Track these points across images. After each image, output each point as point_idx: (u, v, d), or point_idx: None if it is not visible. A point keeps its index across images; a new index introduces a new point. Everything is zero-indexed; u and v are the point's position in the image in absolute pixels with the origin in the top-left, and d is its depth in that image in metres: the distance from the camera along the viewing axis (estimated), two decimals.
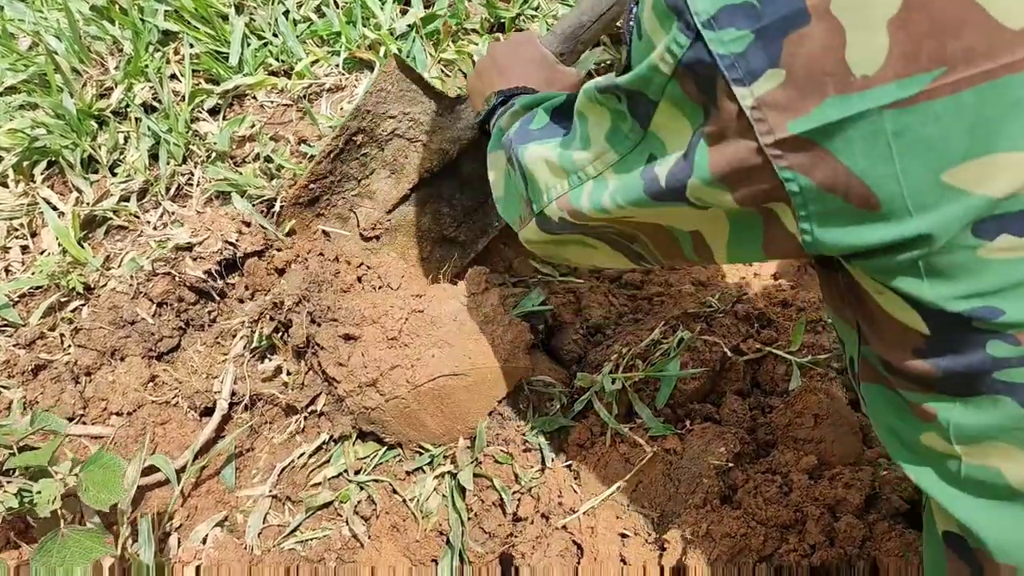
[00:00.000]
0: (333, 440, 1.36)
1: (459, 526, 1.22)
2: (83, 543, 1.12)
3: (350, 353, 1.27)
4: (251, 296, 1.47)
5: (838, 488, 1.13)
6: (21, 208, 1.53)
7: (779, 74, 0.53)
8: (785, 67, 0.53)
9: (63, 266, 1.44)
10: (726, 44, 0.54)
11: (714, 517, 1.12)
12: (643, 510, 1.18)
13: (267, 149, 1.56)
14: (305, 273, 1.38)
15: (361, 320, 1.28)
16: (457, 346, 1.26)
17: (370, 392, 1.25)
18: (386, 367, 1.24)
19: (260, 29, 1.73)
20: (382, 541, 1.23)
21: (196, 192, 1.55)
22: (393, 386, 1.24)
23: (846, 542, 1.08)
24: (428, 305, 1.30)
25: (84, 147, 1.56)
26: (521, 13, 1.73)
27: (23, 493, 1.13)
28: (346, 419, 1.32)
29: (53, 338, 1.42)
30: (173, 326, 1.44)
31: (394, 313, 1.28)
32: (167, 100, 1.60)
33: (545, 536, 1.17)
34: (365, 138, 1.42)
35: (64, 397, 1.36)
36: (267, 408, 1.42)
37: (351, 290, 1.35)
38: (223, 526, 1.33)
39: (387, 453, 1.34)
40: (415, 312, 1.29)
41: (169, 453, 1.35)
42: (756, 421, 1.29)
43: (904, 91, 0.51)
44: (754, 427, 1.28)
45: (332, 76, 1.67)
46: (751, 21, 0.53)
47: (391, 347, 1.26)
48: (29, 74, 1.67)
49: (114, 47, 1.72)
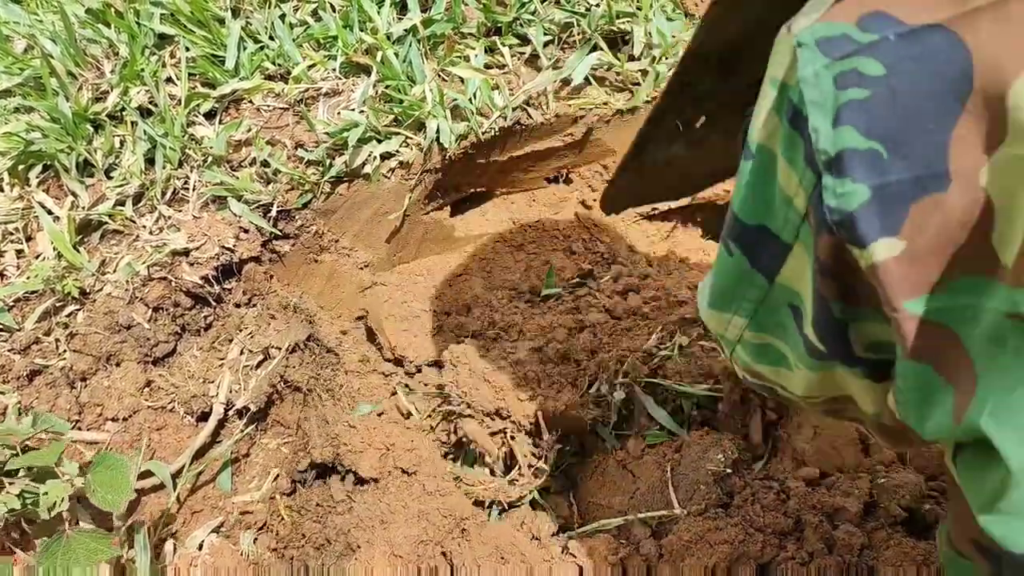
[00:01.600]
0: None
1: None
2: (88, 545, 1.11)
3: None
4: (248, 301, 1.46)
5: (836, 496, 1.13)
6: (16, 212, 1.52)
7: (898, 244, 0.43)
8: (906, 238, 0.42)
9: (58, 271, 1.44)
10: (839, 197, 0.44)
11: (712, 524, 1.12)
12: (641, 516, 1.18)
13: (264, 153, 1.56)
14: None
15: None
16: None
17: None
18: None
19: (256, 33, 1.72)
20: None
21: (192, 196, 1.54)
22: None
23: (844, 550, 1.07)
24: None
25: (80, 151, 1.56)
26: (518, 18, 1.73)
27: (25, 495, 1.13)
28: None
29: (48, 343, 1.41)
30: (169, 331, 1.44)
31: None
32: (163, 104, 1.59)
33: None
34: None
35: (60, 402, 1.36)
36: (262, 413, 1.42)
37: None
38: (219, 532, 1.32)
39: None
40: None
41: (165, 458, 1.34)
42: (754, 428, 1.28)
43: None
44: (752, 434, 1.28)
45: (329, 80, 1.66)
46: (873, 173, 0.42)
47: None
48: (24, 77, 1.66)
49: (110, 50, 1.71)
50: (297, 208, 1.54)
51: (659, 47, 1.67)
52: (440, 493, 1.23)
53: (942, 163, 0.41)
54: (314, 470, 1.35)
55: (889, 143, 0.42)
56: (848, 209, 0.43)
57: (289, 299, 1.47)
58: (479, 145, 1.63)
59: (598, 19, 1.67)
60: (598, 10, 1.68)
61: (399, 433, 1.32)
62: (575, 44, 1.72)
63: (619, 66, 1.67)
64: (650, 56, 1.69)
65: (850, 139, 0.43)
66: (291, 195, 1.54)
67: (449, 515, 1.19)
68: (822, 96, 0.44)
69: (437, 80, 1.64)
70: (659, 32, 1.68)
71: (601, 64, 1.69)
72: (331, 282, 1.62)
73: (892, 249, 0.43)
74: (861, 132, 0.43)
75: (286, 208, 1.54)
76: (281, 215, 1.54)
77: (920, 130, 0.41)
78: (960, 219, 0.41)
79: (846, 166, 0.43)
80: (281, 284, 1.55)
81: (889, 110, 0.42)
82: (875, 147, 0.42)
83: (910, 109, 0.42)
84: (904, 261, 0.43)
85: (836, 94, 0.44)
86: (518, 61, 1.71)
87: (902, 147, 0.42)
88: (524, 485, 1.29)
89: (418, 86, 1.61)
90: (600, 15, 1.67)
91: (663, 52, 1.68)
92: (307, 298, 1.49)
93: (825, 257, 0.47)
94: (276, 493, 1.36)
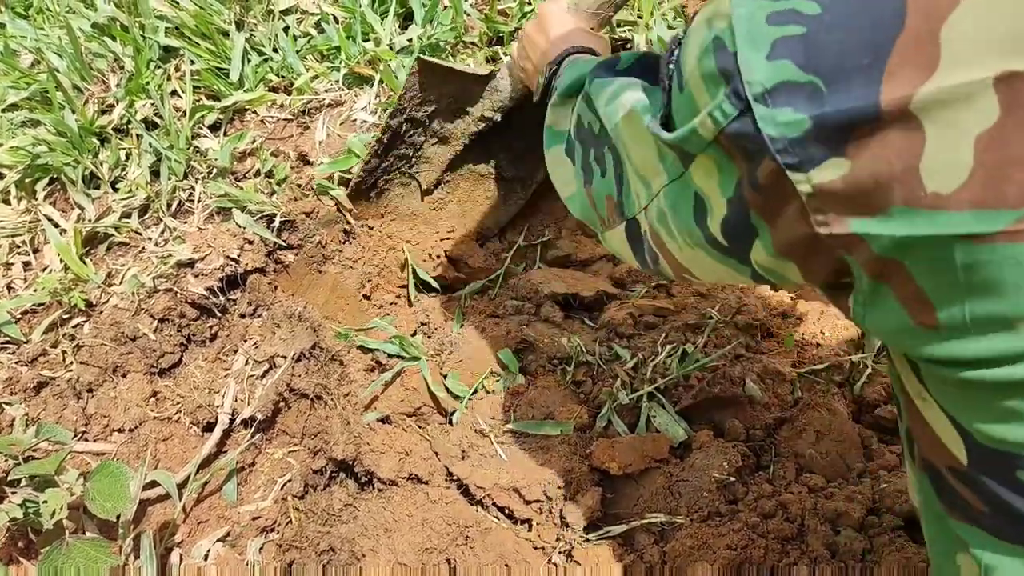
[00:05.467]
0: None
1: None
2: (88, 552, 1.12)
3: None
4: (253, 311, 1.47)
5: (839, 501, 1.13)
6: (23, 225, 1.54)
7: (843, 164, 0.46)
8: (850, 159, 0.46)
9: (65, 283, 1.45)
10: (779, 126, 0.47)
11: (715, 530, 1.12)
12: (644, 523, 1.18)
13: (268, 165, 1.57)
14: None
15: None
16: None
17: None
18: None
19: (260, 45, 1.74)
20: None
21: (197, 208, 1.56)
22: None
23: (847, 555, 1.08)
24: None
25: (86, 164, 1.57)
26: (519, 27, 1.74)
27: (27, 504, 1.14)
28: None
29: (55, 355, 1.42)
30: (175, 342, 1.45)
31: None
32: (168, 116, 1.61)
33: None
34: (408, 127, 1.50)
35: (66, 414, 1.37)
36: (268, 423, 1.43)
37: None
38: (225, 541, 1.33)
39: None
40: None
41: (171, 469, 1.35)
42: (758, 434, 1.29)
43: (981, 225, 0.43)
44: (755, 440, 1.28)
45: (332, 91, 1.68)
46: (812, 105, 0.46)
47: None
48: (31, 91, 1.68)
49: (115, 64, 1.73)
50: (300, 218, 1.55)
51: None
52: (444, 501, 1.24)
53: (876, 96, 0.44)
54: (328, 473, 1.36)
55: (825, 76, 0.45)
56: (790, 136, 0.47)
57: (294, 308, 1.47)
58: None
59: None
60: None
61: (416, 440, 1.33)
62: None
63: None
64: None
65: (786, 72, 0.46)
66: (294, 205, 1.55)
67: (453, 523, 1.20)
68: (754, 31, 0.48)
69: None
70: (660, 40, 1.69)
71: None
72: (335, 292, 1.63)
73: (839, 168, 0.46)
74: (799, 65, 0.46)
75: (290, 219, 1.55)
76: (285, 225, 1.55)
77: (855, 65, 0.44)
78: (895, 145, 0.44)
79: (785, 98, 0.46)
80: (286, 294, 1.56)
81: (825, 46, 0.45)
82: (813, 80, 0.46)
83: (845, 44, 0.45)
84: (849, 180, 0.46)
85: (770, 30, 0.47)
86: None
87: (839, 80, 0.45)
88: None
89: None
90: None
91: None
92: (311, 308, 1.50)
93: (764, 178, 0.50)
94: (288, 495, 1.36)
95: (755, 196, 0.53)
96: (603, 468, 1.23)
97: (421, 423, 1.38)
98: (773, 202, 0.51)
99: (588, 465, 1.24)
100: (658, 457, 1.23)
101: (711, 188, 0.57)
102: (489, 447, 1.30)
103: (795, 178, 0.48)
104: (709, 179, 0.57)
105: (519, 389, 1.37)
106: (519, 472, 1.24)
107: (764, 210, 0.53)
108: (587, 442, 1.28)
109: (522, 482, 1.22)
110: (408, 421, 1.37)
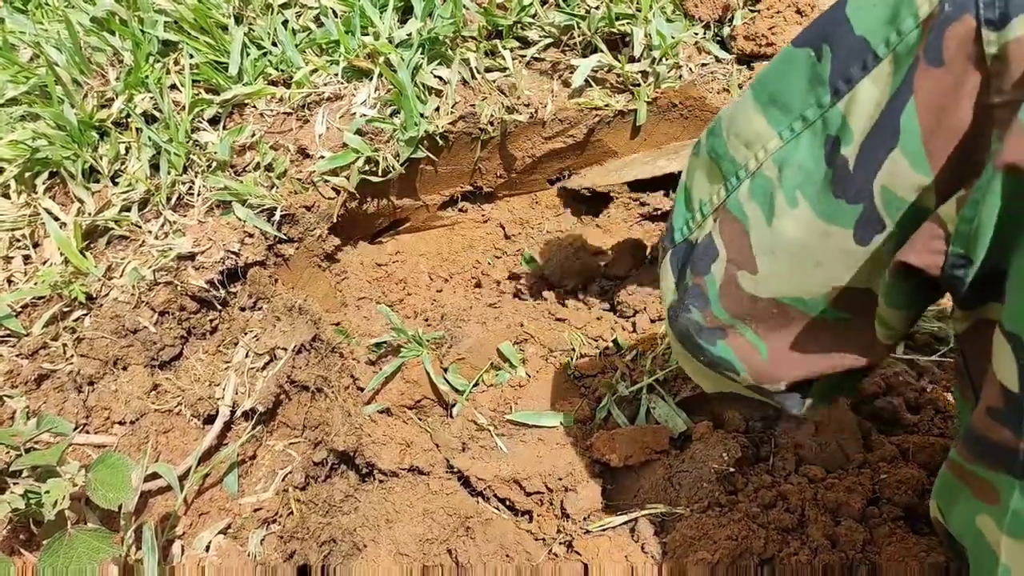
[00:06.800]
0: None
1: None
2: (91, 543, 1.12)
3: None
4: (254, 304, 1.48)
5: (839, 492, 1.14)
6: (23, 219, 1.54)
7: None
8: None
9: (65, 276, 1.45)
10: None
11: (715, 521, 1.12)
12: (645, 514, 1.19)
13: (267, 158, 1.57)
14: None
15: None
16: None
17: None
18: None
19: (259, 39, 1.74)
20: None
21: (197, 201, 1.56)
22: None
23: (847, 546, 1.08)
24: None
25: (85, 158, 1.57)
26: (518, 21, 1.74)
27: (29, 494, 1.14)
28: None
29: (56, 348, 1.42)
30: (175, 335, 1.45)
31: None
32: (167, 110, 1.60)
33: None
34: None
35: (67, 406, 1.37)
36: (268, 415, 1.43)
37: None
38: (226, 533, 1.33)
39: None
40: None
41: (172, 461, 1.35)
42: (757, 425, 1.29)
43: None
44: (755, 431, 1.28)
45: (331, 85, 1.68)
46: None
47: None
48: (30, 86, 1.68)
49: (114, 58, 1.73)
50: (301, 212, 1.55)
51: (659, 48, 1.68)
52: (445, 492, 1.24)
53: None
54: (328, 465, 1.36)
55: None
56: None
57: (294, 301, 1.48)
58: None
59: (598, 21, 1.68)
60: (598, 12, 1.69)
61: (417, 432, 1.33)
62: (575, 46, 1.73)
63: (619, 68, 1.68)
64: (650, 57, 1.70)
65: None
66: (294, 199, 1.55)
67: (454, 514, 1.20)
68: None
69: (436, 83, 1.65)
70: (659, 33, 1.68)
71: (601, 66, 1.70)
72: (335, 285, 1.63)
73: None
74: None
75: (290, 212, 1.55)
76: (285, 219, 1.55)
77: None
78: None
79: None
80: (286, 287, 1.56)
81: None
82: None
83: None
84: None
85: None
86: (519, 64, 1.72)
87: None
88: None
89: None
90: (600, 17, 1.68)
91: (663, 53, 1.68)
92: (311, 300, 1.50)
93: (953, 45, 0.51)
94: (289, 487, 1.36)
95: (928, 76, 0.53)
96: (603, 460, 1.23)
97: (422, 415, 1.38)
98: (950, 76, 0.52)
99: (588, 457, 1.25)
100: (658, 448, 1.24)
101: (872, 100, 0.57)
102: (489, 439, 1.31)
103: (988, 38, 0.49)
104: (879, 86, 0.57)
105: (520, 382, 1.38)
106: (520, 464, 1.25)
107: (935, 92, 0.53)
108: (587, 434, 1.29)
109: (522, 474, 1.23)
110: (409, 413, 1.38)
